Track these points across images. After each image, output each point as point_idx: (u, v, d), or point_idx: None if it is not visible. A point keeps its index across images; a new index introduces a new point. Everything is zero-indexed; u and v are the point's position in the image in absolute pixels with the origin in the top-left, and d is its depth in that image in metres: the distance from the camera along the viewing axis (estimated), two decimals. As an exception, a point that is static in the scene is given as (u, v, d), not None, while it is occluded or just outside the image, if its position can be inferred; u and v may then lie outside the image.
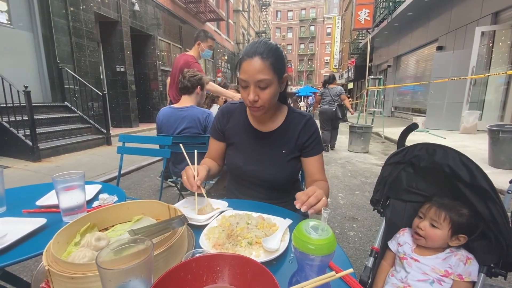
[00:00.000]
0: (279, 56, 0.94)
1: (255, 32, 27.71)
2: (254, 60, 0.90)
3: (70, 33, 5.60)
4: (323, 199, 0.72)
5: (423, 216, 0.93)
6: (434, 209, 0.90)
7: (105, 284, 0.40)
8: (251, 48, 0.93)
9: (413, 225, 0.96)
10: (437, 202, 0.92)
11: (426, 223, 0.91)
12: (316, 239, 0.44)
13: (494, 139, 3.48)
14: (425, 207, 0.94)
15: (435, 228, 0.89)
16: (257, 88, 0.93)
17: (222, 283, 0.47)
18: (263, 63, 0.90)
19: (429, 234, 0.89)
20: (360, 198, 3.05)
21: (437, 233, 0.88)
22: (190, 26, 12.10)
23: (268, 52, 0.91)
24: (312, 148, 1.06)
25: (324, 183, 1.02)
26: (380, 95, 7.62)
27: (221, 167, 1.21)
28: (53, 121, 4.93)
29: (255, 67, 0.90)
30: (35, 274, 0.55)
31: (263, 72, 0.90)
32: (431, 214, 0.90)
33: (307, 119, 1.09)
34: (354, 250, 2.00)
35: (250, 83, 0.92)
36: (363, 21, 12.92)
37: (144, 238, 0.46)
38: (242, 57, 0.94)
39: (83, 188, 0.83)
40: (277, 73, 0.94)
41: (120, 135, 1.93)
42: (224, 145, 1.18)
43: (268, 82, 0.92)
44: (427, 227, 0.90)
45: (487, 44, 6.79)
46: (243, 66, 0.93)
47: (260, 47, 0.91)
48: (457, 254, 0.87)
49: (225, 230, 0.69)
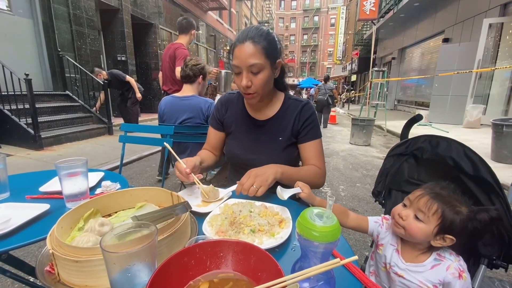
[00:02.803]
0: (271, 40, 0.94)
1: (258, 22, 27.28)
2: (245, 45, 0.89)
3: (70, 21, 5.52)
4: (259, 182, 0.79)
5: (409, 204, 0.78)
6: (425, 199, 0.74)
7: (110, 267, 0.40)
8: (242, 34, 0.92)
9: (393, 211, 0.81)
10: (433, 191, 0.75)
11: (410, 213, 0.76)
12: (321, 226, 0.43)
13: (498, 133, 3.46)
14: (415, 195, 0.77)
15: (417, 221, 0.74)
16: (250, 73, 0.92)
17: (226, 269, 0.48)
18: (254, 47, 0.89)
19: (410, 226, 0.74)
20: (361, 190, 3.06)
21: (420, 226, 0.73)
22: (192, 15, 11.90)
23: (259, 37, 0.90)
24: (306, 133, 1.04)
25: (311, 167, 1.01)
26: (384, 88, 7.54)
27: (218, 158, 1.20)
28: (54, 110, 4.92)
29: (246, 52, 0.89)
30: (40, 258, 0.55)
31: (254, 56, 0.89)
32: (419, 204, 0.74)
33: (304, 104, 1.07)
34: (354, 241, 2.02)
35: (242, 68, 0.92)
36: (368, 11, 12.64)
37: (148, 223, 0.46)
38: (234, 43, 0.93)
39: (86, 174, 0.83)
40: (269, 58, 0.93)
41: (122, 124, 1.92)
42: (222, 135, 1.18)
43: (260, 66, 0.91)
44: (409, 218, 0.75)
45: (494, 37, 6.65)
46: (235, 52, 0.92)
47: (251, 32, 0.91)
48: (449, 267, 0.71)
49: (228, 218, 0.69)
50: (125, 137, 1.85)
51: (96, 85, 5.60)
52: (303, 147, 1.06)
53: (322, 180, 1.04)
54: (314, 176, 1.00)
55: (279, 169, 0.88)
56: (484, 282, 1.00)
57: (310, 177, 0.98)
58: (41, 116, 4.44)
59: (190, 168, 0.87)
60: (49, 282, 0.49)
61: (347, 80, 24.93)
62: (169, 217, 0.58)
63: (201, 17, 13.06)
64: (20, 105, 3.95)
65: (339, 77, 30.65)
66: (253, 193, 0.78)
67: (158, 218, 0.57)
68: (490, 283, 1.15)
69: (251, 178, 0.81)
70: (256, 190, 0.78)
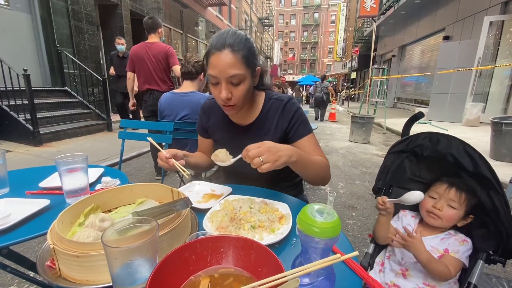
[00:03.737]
0: (251, 47, 0.87)
1: (258, 18, 27.13)
2: (224, 54, 0.81)
3: (68, 16, 5.47)
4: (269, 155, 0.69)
5: (439, 196, 0.92)
6: (454, 190, 0.89)
7: (111, 262, 0.40)
8: (219, 40, 0.83)
9: (426, 206, 0.93)
10: (455, 182, 0.91)
11: (444, 203, 0.89)
12: (322, 222, 0.44)
13: (497, 131, 3.46)
14: (442, 188, 0.92)
15: (452, 209, 0.88)
16: (229, 84, 0.85)
17: (226, 264, 0.48)
18: (234, 57, 0.82)
19: (446, 214, 0.88)
20: (360, 187, 3.06)
21: (454, 213, 0.88)
22: (192, 11, 11.82)
23: (238, 44, 0.82)
24: (296, 131, 0.98)
25: (321, 158, 0.93)
26: (384, 86, 7.52)
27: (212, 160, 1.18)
28: (53, 106, 4.90)
29: (226, 61, 0.81)
30: (40, 253, 0.55)
31: (234, 66, 0.82)
32: (450, 195, 0.89)
33: (285, 103, 1.00)
34: (352, 237, 2.03)
35: (221, 79, 0.84)
36: (368, 8, 12.58)
37: (150, 218, 0.46)
38: (210, 50, 0.84)
39: (86, 170, 0.83)
40: (250, 67, 0.87)
41: (122, 120, 1.91)
42: (211, 140, 1.14)
43: (241, 77, 0.84)
44: (444, 207, 0.89)
45: (494, 35, 6.63)
46: (212, 60, 0.83)
47: (229, 38, 0.82)
48: (455, 235, 0.89)
49: (228, 214, 0.69)
50: (125, 133, 1.84)
51: (95, 81, 5.58)
52: (297, 146, 0.99)
53: (329, 173, 0.98)
54: (326, 168, 0.94)
55: (295, 154, 0.77)
56: (481, 278, 1.01)
57: (323, 169, 0.92)
58: (40, 112, 4.43)
59: (171, 154, 0.85)
60: (50, 277, 0.49)
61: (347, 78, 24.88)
62: (169, 213, 0.58)
63: (201, 13, 12.98)
64: (19, 101, 3.93)
65: (339, 75, 30.59)
66: (257, 165, 0.69)
67: (158, 213, 0.57)
68: (487, 280, 1.16)
69: (262, 149, 0.71)
70: (261, 164, 0.69)
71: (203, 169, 1.16)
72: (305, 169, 0.84)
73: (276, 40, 43.65)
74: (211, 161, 1.15)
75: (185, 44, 11.49)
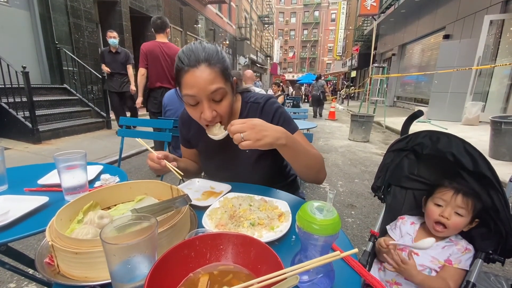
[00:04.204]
0: (224, 59, 0.81)
1: (258, 16, 27.04)
2: (200, 70, 0.75)
3: (68, 13, 5.44)
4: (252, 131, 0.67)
5: (445, 204, 0.86)
6: (461, 197, 0.84)
7: (110, 259, 0.40)
8: (191, 56, 0.76)
9: (433, 216, 0.88)
10: (460, 188, 0.86)
11: (451, 211, 0.85)
12: (321, 219, 0.43)
13: (496, 130, 3.47)
14: (448, 194, 0.86)
15: (459, 217, 0.84)
16: (211, 102, 0.79)
17: (226, 261, 0.48)
18: (212, 71, 0.76)
19: (454, 222, 0.84)
20: (359, 186, 3.07)
21: (461, 220, 0.84)
22: (191, 8, 11.78)
23: (213, 57, 0.77)
24: None
25: (314, 150, 0.88)
26: (383, 84, 7.52)
27: (199, 166, 1.14)
28: (52, 103, 4.88)
29: (204, 78, 0.75)
30: (39, 250, 0.55)
31: (215, 81, 0.77)
32: (458, 202, 0.84)
33: (263, 105, 0.94)
34: (351, 236, 2.03)
35: (202, 97, 0.77)
36: (369, 6, 12.56)
37: (149, 215, 0.46)
38: (182, 69, 0.77)
39: (85, 167, 0.82)
40: (228, 80, 0.82)
41: (121, 118, 1.91)
42: (195, 150, 1.10)
43: (223, 91, 0.79)
44: (452, 216, 0.84)
45: (495, 34, 6.62)
46: (187, 79, 0.76)
47: (202, 53, 0.77)
48: (458, 244, 0.86)
49: (228, 211, 0.69)
50: (124, 131, 1.84)
51: (94, 78, 5.55)
52: None
53: (324, 169, 0.91)
54: (321, 160, 0.88)
55: (284, 137, 0.72)
56: (480, 277, 1.01)
57: (317, 161, 0.86)
58: (39, 110, 4.41)
59: (163, 155, 0.83)
60: (48, 274, 0.49)
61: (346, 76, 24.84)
62: (168, 210, 0.58)
63: (201, 11, 12.93)
64: (18, 98, 3.92)
65: (339, 73, 30.54)
66: (237, 141, 0.68)
67: (157, 211, 0.57)
68: (486, 278, 1.17)
69: (245, 125, 0.68)
70: (241, 141, 0.68)
71: (192, 174, 1.10)
72: (296, 157, 0.79)
73: (276, 38, 43.51)
74: (199, 166, 1.13)
75: (184, 42, 11.46)
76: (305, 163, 0.83)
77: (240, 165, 0.99)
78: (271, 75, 33.48)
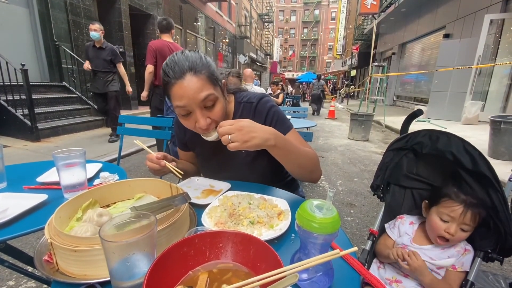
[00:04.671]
0: (210, 64, 0.80)
1: (258, 15, 26.95)
2: (187, 80, 0.75)
3: (67, 10, 5.42)
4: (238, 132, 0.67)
5: (451, 220, 0.83)
6: (469, 214, 0.81)
7: (109, 256, 0.40)
8: (175, 68, 0.76)
9: (438, 231, 0.85)
10: (468, 203, 0.81)
11: (457, 228, 0.83)
12: (321, 217, 0.43)
13: (496, 130, 3.47)
14: (456, 211, 0.82)
15: (464, 232, 0.83)
16: (204, 110, 0.79)
17: (225, 259, 0.48)
18: (199, 79, 0.76)
19: (458, 237, 0.83)
20: (358, 185, 3.07)
21: (466, 235, 0.83)
22: (191, 6, 11.73)
23: (198, 65, 0.76)
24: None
25: (308, 149, 0.87)
26: (383, 83, 7.51)
27: (197, 167, 1.14)
28: (51, 101, 4.87)
29: (192, 87, 0.75)
30: (38, 247, 0.55)
31: (204, 88, 0.76)
32: (466, 220, 0.81)
33: (256, 105, 0.94)
34: (350, 234, 2.03)
35: (193, 107, 0.77)
36: (369, 5, 12.51)
37: (148, 213, 0.46)
38: (169, 82, 0.76)
39: (84, 165, 0.82)
40: (217, 84, 0.81)
41: (120, 116, 1.90)
42: (193, 153, 1.10)
43: (213, 97, 0.78)
44: (458, 232, 0.83)
45: (495, 33, 6.62)
46: (175, 91, 0.76)
47: (185, 62, 0.76)
48: (457, 246, 0.86)
49: (227, 210, 0.69)
50: (123, 129, 1.84)
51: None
52: None
53: (319, 168, 0.91)
54: (315, 159, 0.87)
55: (273, 138, 0.72)
56: (478, 276, 1.01)
57: (311, 160, 0.85)
58: (38, 107, 4.40)
59: (162, 155, 0.83)
60: (47, 271, 0.49)
61: (346, 75, 24.82)
62: (168, 208, 0.58)
63: (200, 9, 12.88)
64: (17, 96, 3.90)
65: (339, 72, 30.51)
66: (225, 142, 0.68)
67: (157, 209, 0.57)
68: (484, 277, 1.17)
69: (233, 127, 0.68)
70: (229, 142, 0.68)
71: (190, 176, 1.07)
72: (287, 157, 0.79)
73: (276, 36, 43.42)
74: (196, 168, 1.13)
75: (184, 40, 11.42)
76: (297, 163, 0.83)
77: (237, 166, 0.99)
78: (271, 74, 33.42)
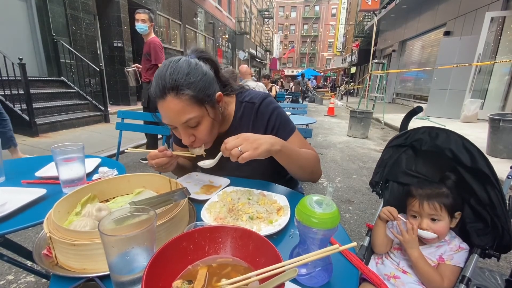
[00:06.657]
0: (195, 82, 0.73)
1: (258, 10, 26.75)
2: (167, 101, 0.71)
3: (65, 4, 5.36)
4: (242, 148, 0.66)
5: (418, 214, 0.88)
6: (426, 204, 0.86)
7: (108, 250, 0.40)
8: (158, 84, 0.72)
9: (414, 228, 0.86)
10: (423, 195, 0.87)
11: (427, 221, 0.86)
12: (320, 213, 0.43)
13: (494, 128, 3.48)
14: (416, 205, 0.88)
15: (437, 222, 0.85)
16: (187, 128, 0.77)
17: (224, 254, 0.48)
18: (180, 101, 0.71)
19: (437, 229, 0.85)
20: (357, 182, 3.08)
21: (441, 225, 0.85)
22: (190, 1, 11.62)
23: (181, 83, 0.71)
24: (276, 133, 0.89)
25: (308, 150, 0.88)
26: (383, 81, 7.50)
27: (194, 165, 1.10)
28: (49, 96, 4.84)
29: (172, 110, 0.72)
30: (37, 241, 0.55)
31: (184, 112, 0.73)
32: (426, 210, 0.86)
33: (258, 106, 0.91)
34: (349, 231, 2.05)
35: (176, 125, 0.76)
36: (370, 2, 12.45)
37: (147, 208, 0.45)
38: (155, 98, 0.75)
39: (82, 160, 0.82)
40: (204, 103, 0.76)
41: (119, 111, 1.89)
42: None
43: (197, 119, 0.75)
44: (430, 224, 0.85)
45: (495, 31, 6.60)
46: (159, 108, 0.75)
47: (168, 79, 0.71)
48: (451, 243, 0.86)
49: (227, 205, 0.69)
50: (122, 124, 1.83)
51: (92, 71, 5.50)
52: None
53: (319, 168, 0.92)
54: (315, 160, 0.88)
55: (278, 143, 0.73)
56: (475, 272, 1.02)
57: (311, 162, 0.86)
58: (36, 102, 4.37)
59: (163, 148, 0.81)
60: (46, 265, 0.49)
61: (346, 72, 24.76)
62: (167, 203, 0.58)
63: (200, 4, 12.76)
64: (14, 91, 3.87)
65: (339, 69, 30.43)
66: (236, 156, 0.66)
67: (156, 204, 0.57)
68: (480, 273, 1.18)
69: (239, 139, 0.68)
70: (240, 154, 0.66)
71: (188, 171, 1.06)
72: (290, 160, 0.80)
73: (276, 33, 43.17)
74: (193, 165, 1.09)
75: (183, 35, 11.34)
76: (299, 165, 0.84)
77: (236, 167, 0.97)
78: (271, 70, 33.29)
